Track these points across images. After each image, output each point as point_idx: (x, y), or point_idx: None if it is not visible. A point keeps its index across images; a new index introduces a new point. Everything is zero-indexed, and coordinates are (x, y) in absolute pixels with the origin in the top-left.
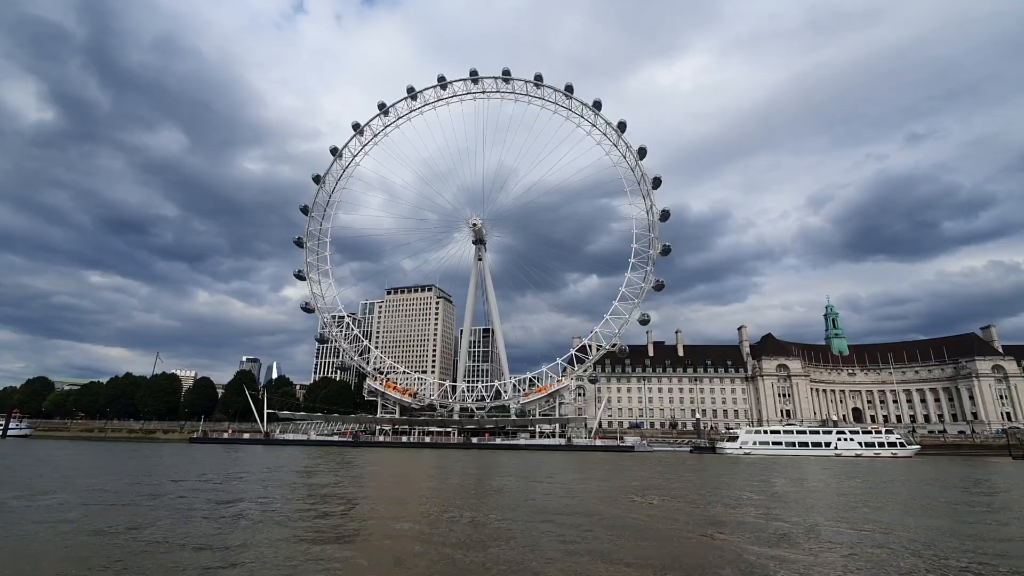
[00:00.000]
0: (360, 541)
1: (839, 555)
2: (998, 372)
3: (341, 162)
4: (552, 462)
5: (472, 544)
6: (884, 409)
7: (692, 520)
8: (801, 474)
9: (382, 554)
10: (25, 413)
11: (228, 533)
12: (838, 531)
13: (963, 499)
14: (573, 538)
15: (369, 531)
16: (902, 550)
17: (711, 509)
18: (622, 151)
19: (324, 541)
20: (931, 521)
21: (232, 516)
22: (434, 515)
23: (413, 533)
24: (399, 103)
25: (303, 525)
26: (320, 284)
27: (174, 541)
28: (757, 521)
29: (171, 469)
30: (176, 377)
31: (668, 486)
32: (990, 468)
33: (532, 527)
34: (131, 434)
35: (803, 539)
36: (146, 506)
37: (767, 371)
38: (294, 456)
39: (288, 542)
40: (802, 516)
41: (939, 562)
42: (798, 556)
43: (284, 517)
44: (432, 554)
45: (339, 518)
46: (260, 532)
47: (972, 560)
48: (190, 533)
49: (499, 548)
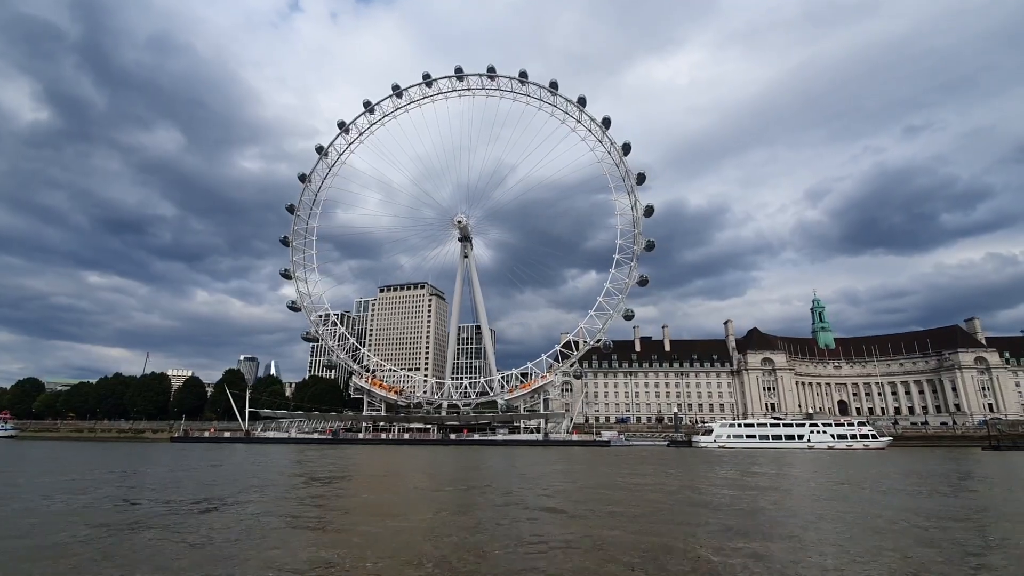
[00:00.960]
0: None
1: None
2: (981, 364)
3: (327, 160)
4: (523, 457)
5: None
6: (870, 401)
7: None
8: (759, 466)
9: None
10: (15, 414)
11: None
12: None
13: (900, 486)
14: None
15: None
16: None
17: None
18: (607, 147)
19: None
20: (838, 505)
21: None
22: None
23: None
24: (384, 101)
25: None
26: (307, 283)
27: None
28: (665, 515)
29: (105, 467)
30: (166, 376)
31: (583, 479)
32: (956, 458)
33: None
34: (120, 434)
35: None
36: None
37: (752, 365)
38: (254, 455)
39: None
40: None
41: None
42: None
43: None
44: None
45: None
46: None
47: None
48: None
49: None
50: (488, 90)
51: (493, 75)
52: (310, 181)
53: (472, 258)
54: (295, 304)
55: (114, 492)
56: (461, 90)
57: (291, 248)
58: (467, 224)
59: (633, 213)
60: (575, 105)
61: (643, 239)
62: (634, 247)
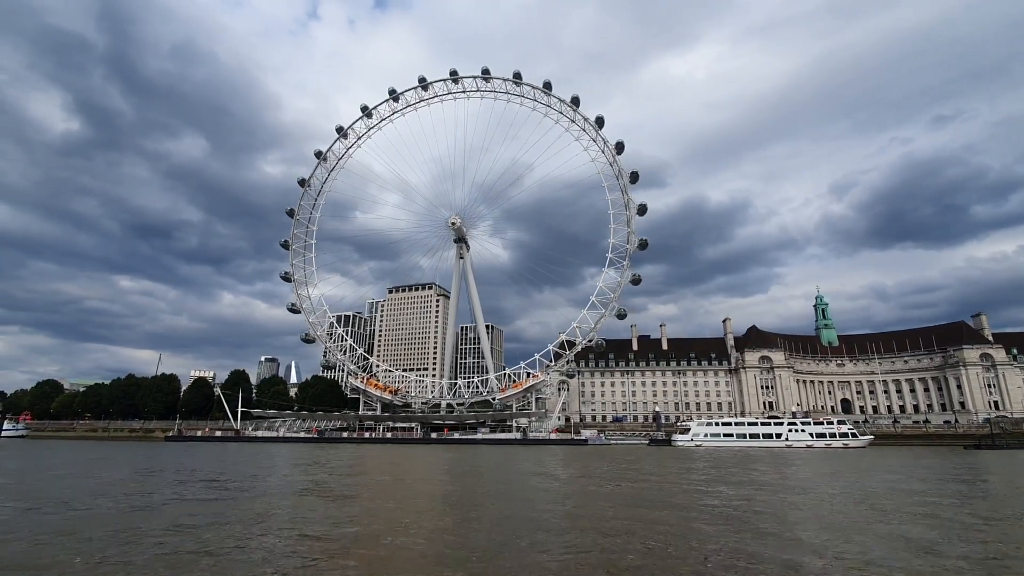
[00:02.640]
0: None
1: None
2: (986, 360)
3: (326, 165)
4: (490, 455)
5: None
6: (874, 400)
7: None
8: (700, 461)
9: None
10: (36, 415)
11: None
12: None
13: (813, 486)
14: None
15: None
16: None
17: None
18: (600, 146)
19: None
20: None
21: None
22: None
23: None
24: (381, 105)
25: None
26: (306, 285)
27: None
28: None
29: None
30: (175, 378)
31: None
32: (919, 457)
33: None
34: (132, 433)
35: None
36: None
37: (749, 363)
38: (225, 453)
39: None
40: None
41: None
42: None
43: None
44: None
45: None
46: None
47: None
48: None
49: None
50: (483, 92)
51: (488, 77)
52: (309, 186)
53: (468, 259)
54: (295, 306)
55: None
56: (456, 93)
57: (291, 252)
58: (461, 225)
59: (627, 212)
60: (568, 105)
61: (636, 238)
62: (627, 246)
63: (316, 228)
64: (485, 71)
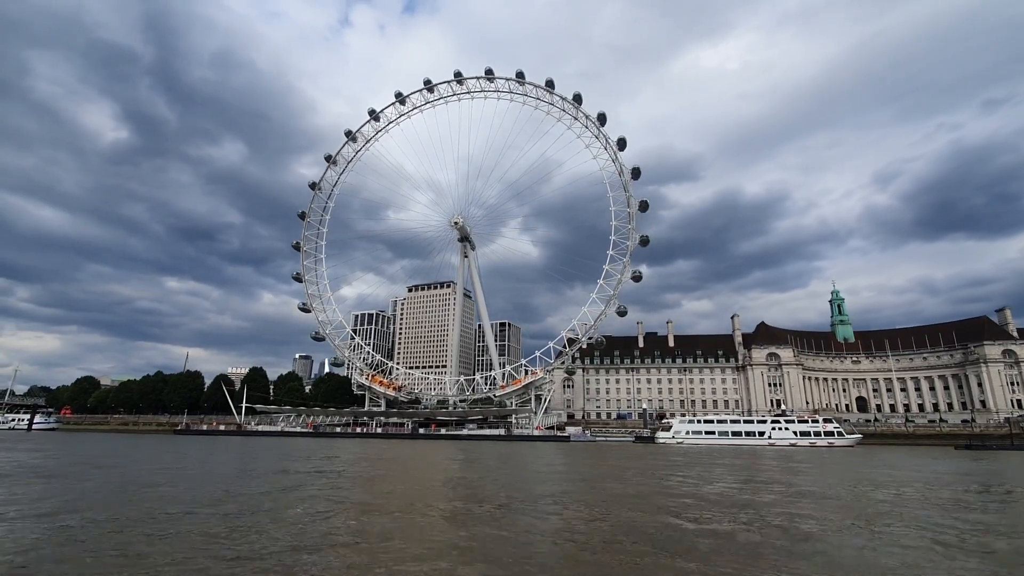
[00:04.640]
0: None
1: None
2: (1009, 357)
3: (336, 168)
4: (455, 451)
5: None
6: (891, 398)
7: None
8: (658, 458)
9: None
10: (75, 409)
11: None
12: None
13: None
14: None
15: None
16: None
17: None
18: (602, 143)
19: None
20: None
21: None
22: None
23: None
24: (388, 108)
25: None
26: (317, 285)
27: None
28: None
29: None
30: (199, 374)
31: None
32: (900, 457)
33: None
34: (159, 427)
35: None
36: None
37: (756, 360)
38: (211, 446)
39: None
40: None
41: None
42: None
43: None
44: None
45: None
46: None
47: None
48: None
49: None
50: (486, 92)
51: (492, 77)
52: (320, 189)
53: (472, 257)
54: (306, 306)
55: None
56: (461, 93)
57: (302, 252)
58: (464, 224)
59: (628, 208)
60: (571, 103)
61: (637, 235)
62: (628, 243)
63: (326, 230)
64: (488, 71)
